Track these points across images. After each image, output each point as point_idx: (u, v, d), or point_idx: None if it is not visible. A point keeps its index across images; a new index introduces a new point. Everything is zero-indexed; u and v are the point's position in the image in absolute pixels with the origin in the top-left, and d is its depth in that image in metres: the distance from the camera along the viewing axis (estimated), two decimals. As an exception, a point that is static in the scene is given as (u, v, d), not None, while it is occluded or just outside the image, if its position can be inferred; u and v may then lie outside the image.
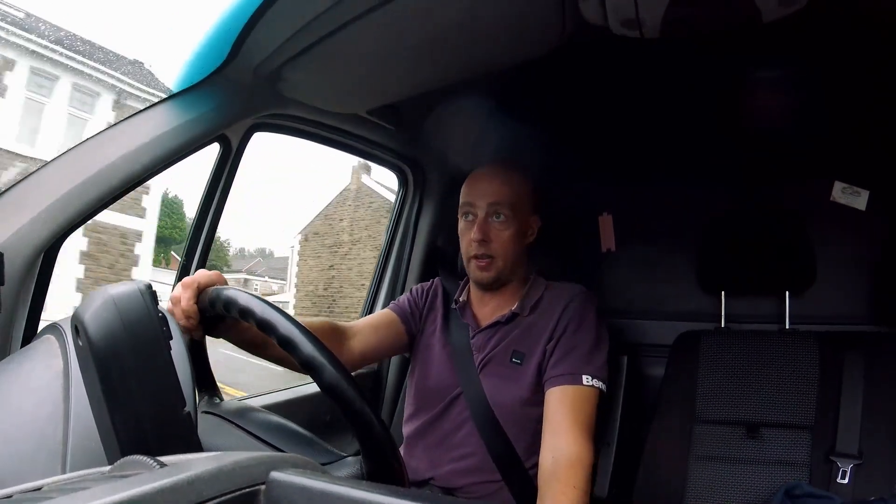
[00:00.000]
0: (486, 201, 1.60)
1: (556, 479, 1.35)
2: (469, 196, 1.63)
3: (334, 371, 0.82)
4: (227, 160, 1.54)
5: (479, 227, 1.58)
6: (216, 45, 1.32)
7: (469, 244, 1.60)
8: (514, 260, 1.62)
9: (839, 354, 1.75)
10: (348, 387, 0.82)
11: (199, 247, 1.58)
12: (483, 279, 1.62)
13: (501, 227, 1.59)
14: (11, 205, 1.13)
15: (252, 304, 0.90)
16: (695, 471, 1.79)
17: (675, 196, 2.28)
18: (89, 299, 0.71)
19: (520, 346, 1.58)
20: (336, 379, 0.82)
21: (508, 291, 1.67)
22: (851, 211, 2.03)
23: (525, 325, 1.61)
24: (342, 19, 1.22)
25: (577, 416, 1.44)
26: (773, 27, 1.25)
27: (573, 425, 1.42)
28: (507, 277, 1.64)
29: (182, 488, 0.44)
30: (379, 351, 1.69)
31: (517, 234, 1.61)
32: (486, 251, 1.58)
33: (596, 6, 1.23)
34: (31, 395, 0.82)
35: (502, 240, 1.59)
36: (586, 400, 1.48)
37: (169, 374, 0.72)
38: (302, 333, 0.85)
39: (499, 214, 1.59)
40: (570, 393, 1.48)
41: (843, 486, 1.60)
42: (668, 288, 2.28)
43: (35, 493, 0.51)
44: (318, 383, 0.83)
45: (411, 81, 1.60)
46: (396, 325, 1.71)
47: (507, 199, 1.59)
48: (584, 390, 1.48)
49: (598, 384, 1.50)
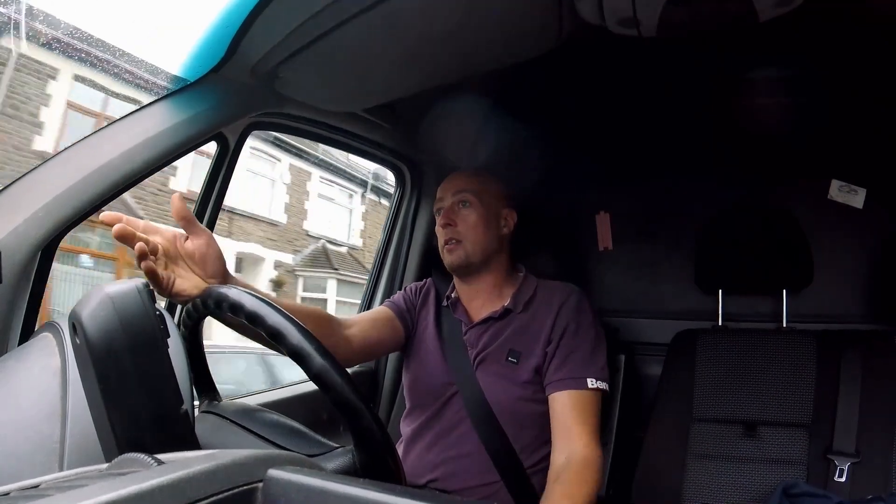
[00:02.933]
0: (451, 192, 1.67)
1: (569, 476, 1.39)
2: (439, 194, 1.71)
3: (322, 359, 0.83)
4: (224, 158, 1.54)
5: (445, 213, 1.64)
6: (213, 44, 1.32)
7: (441, 232, 1.66)
8: (485, 247, 1.64)
9: (836, 353, 1.75)
10: (336, 375, 0.82)
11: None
12: (451, 262, 1.64)
13: (467, 213, 1.64)
14: (9, 203, 1.13)
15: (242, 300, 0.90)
16: (692, 469, 1.79)
17: (672, 194, 2.29)
18: (86, 297, 0.71)
19: (516, 345, 1.58)
20: (324, 367, 0.82)
21: (490, 283, 1.69)
22: (849, 209, 2.04)
23: (519, 324, 1.61)
24: (339, 18, 1.22)
25: (585, 419, 1.48)
26: (770, 26, 1.25)
27: (584, 428, 1.46)
28: (480, 264, 1.66)
29: (179, 486, 0.43)
30: (377, 345, 1.68)
31: (484, 220, 1.64)
32: (453, 235, 1.62)
33: (593, 5, 1.23)
34: (29, 393, 0.82)
35: (468, 224, 1.63)
36: (592, 402, 1.52)
37: (166, 373, 0.72)
38: (290, 323, 0.85)
39: (465, 202, 1.65)
40: (576, 397, 1.51)
41: (841, 485, 1.61)
42: (666, 286, 2.29)
43: (32, 490, 0.51)
44: (306, 371, 0.83)
45: (408, 80, 1.60)
46: (393, 321, 1.70)
47: (472, 188, 1.65)
48: (589, 394, 1.51)
49: (602, 385, 1.53)
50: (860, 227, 2.03)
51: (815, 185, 2.08)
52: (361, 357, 1.70)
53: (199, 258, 1.11)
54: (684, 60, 1.86)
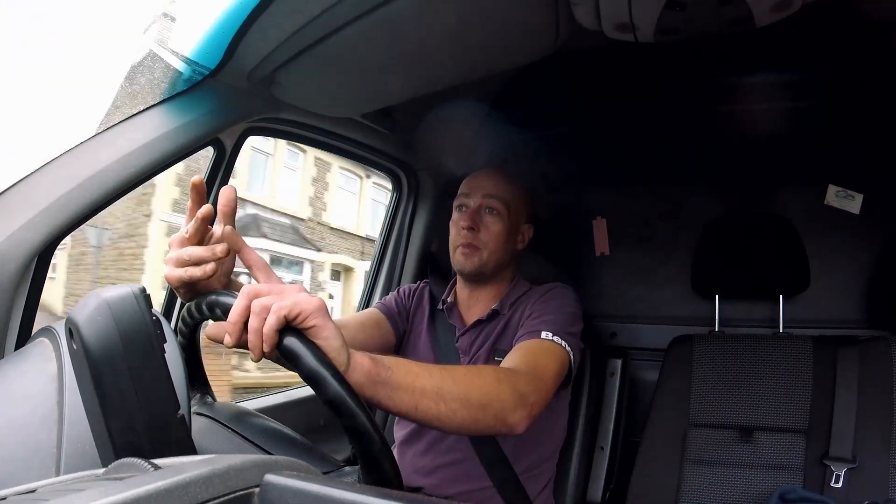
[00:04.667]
0: (480, 193, 1.61)
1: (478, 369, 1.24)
2: (465, 189, 1.65)
3: (337, 385, 0.81)
4: (220, 164, 1.54)
5: (470, 215, 1.59)
6: (210, 50, 1.32)
7: (458, 232, 1.60)
8: (501, 258, 1.61)
9: (833, 358, 1.75)
10: (350, 400, 0.80)
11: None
12: (465, 266, 1.60)
13: (492, 222, 1.59)
14: (6, 208, 1.12)
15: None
16: (689, 475, 1.79)
17: (669, 200, 2.30)
18: (83, 302, 0.71)
19: (501, 344, 1.57)
20: (339, 393, 0.80)
21: (493, 292, 1.66)
22: (845, 215, 2.04)
23: (505, 322, 1.60)
24: (335, 24, 1.22)
25: (531, 360, 1.31)
26: (767, 32, 1.25)
27: (527, 368, 1.28)
28: (491, 273, 1.63)
29: (176, 491, 0.43)
30: (365, 349, 1.67)
31: (507, 232, 1.60)
32: (473, 240, 1.58)
33: (589, 11, 1.23)
34: (25, 397, 0.81)
35: (491, 233, 1.59)
36: (545, 352, 1.36)
37: (163, 378, 0.72)
38: (305, 346, 0.83)
39: (492, 210, 1.59)
40: (525, 344, 1.39)
41: (837, 490, 1.61)
42: (662, 292, 2.29)
43: (29, 495, 0.51)
44: (321, 397, 0.81)
45: (405, 85, 1.60)
46: (383, 323, 1.68)
47: (502, 195, 1.60)
48: (542, 342, 1.38)
49: (560, 342, 1.38)
50: (857, 233, 2.03)
51: (811, 191, 2.09)
52: None
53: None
54: (680, 66, 1.87)
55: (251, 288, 0.85)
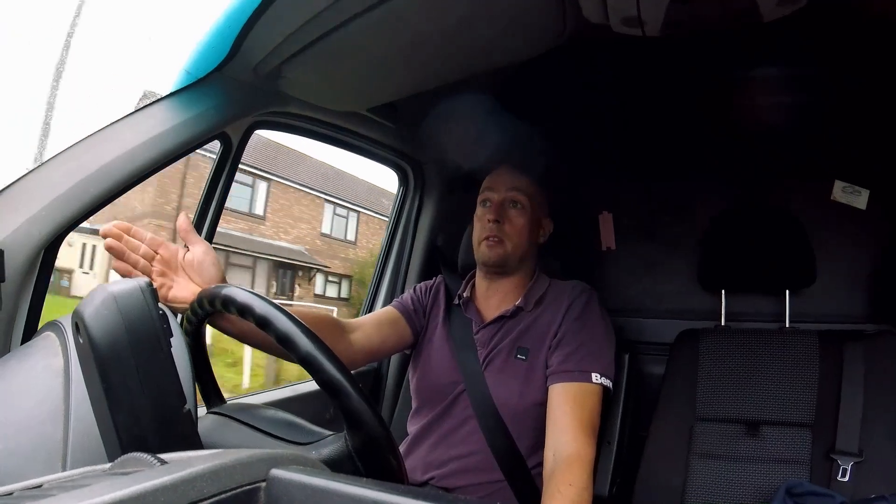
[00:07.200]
0: (505, 187, 1.65)
1: (555, 477, 1.34)
2: (488, 184, 1.69)
3: (332, 365, 0.83)
4: (227, 157, 1.54)
5: (495, 208, 1.63)
6: (216, 43, 1.32)
7: (483, 225, 1.64)
8: (524, 251, 1.65)
9: (839, 352, 1.75)
10: (342, 378, 0.83)
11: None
12: (491, 258, 1.63)
13: (516, 215, 1.63)
14: (12, 202, 1.13)
15: (251, 302, 0.90)
16: (695, 469, 1.79)
17: (676, 194, 2.29)
18: (90, 297, 0.71)
19: (524, 342, 1.58)
20: (333, 373, 0.83)
21: (512, 285, 1.68)
22: (852, 210, 2.03)
23: (529, 321, 1.61)
24: (342, 17, 1.22)
25: (580, 414, 1.44)
26: (775, 26, 1.25)
27: (575, 423, 1.41)
28: (514, 266, 1.66)
29: (182, 486, 0.43)
30: (382, 348, 1.68)
31: (531, 225, 1.65)
32: (498, 233, 1.61)
33: (597, 4, 1.22)
34: (32, 392, 0.82)
35: (515, 226, 1.63)
36: (591, 397, 1.48)
37: (169, 372, 0.72)
38: (300, 330, 0.86)
39: (515, 203, 1.64)
40: (574, 390, 1.47)
41: (844, 484, 1.61)
42: (669, 286, 2.29)
43: (35, 490, 0.51)
44: (316, 378, 0.84)
45: (411, 79, 1.60)
46: (400, 322, 1.71)
47: (526, 189, 1.65)
48: (590, 388, 1.48)
49: (606, 382, 1.50)
50: (863, 228, 2.02)
51: (818, 186, 2.08)
52: (364, 360, 1.68)
53: (197, 265, 1.19)
54: (688, 60, 1.86)
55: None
